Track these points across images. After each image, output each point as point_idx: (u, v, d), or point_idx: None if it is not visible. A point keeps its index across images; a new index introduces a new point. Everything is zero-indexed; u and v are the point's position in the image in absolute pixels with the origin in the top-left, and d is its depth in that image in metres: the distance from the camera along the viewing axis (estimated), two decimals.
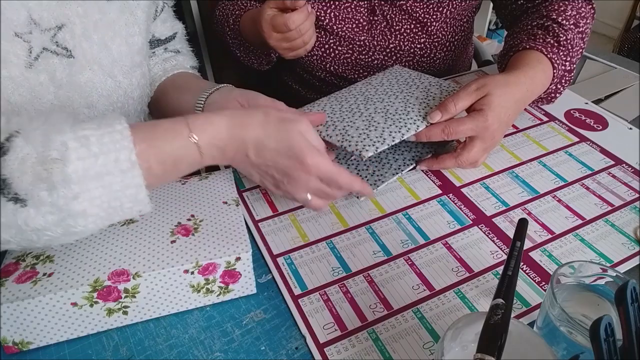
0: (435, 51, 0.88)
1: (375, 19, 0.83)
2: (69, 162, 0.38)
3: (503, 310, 0.35)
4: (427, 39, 0.86)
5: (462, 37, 0.91)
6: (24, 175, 0.38)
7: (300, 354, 0.46)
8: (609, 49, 2.23)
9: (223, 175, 0.59)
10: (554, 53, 0.67)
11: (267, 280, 0.53)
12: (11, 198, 0.38)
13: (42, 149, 0.38)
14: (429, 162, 0.66)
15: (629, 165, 0.68)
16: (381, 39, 0.84)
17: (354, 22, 0.83)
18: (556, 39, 0.68)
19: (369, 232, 0.58)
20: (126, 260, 0.47)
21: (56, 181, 0.38)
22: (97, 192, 0.40)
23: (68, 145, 0.39)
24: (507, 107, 0.62)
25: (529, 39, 0.69)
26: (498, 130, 0.62)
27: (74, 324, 0.46)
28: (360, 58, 0.86)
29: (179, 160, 0.45)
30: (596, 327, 0.33)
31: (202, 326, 0.49)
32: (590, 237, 0.57)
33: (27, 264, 0.46)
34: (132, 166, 0.41)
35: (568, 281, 0.44)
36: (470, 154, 0.63)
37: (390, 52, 0.86)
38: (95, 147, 0.40)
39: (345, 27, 0.83)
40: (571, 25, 0.70)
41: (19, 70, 0.49)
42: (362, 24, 0.83)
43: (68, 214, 0.39)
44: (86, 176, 0.39)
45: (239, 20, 0.83)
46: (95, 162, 0.39)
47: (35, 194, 0.38)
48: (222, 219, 0.52)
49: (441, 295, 0.51)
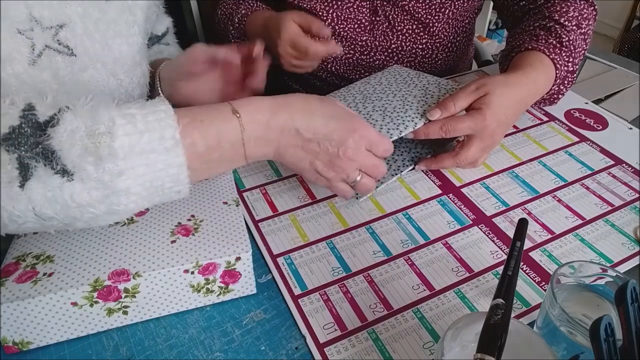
0: (437, 52, 0.89)
1: (377, 19, 0.83)
2: (116, 137, 0.39)
3: (503, 310, 0.35)
4: (429, 40, 0.86)
5: (464, 38, 0.91)
6: (72, 148, 0.39)
7: (300, 354, 0.46)
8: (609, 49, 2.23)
9: (223, 176, 0.59)
10: (556, 54, 0.67)
11: (267, 280, 0.53)
12: (59, 170, 0.38)
13: (90, 123, 0.39)
14: (428, 162, 0.66)
15: (629, 165, 0.68)
16: (383, 39, 0.85)
17: (356, 22, 0.83)
18: (558, 39, 0.68)
19: (369, 232, 0.58)
20: (126, 260, 0.47)
21: (103, 155, 0.39)
22: (141, 170, 0.41)
23: (115, 121, 0.40)
24: (507, 107, 0.62)
25: (531, 39, 0.69)
26: (497, 130, 0.62)
27: (74, 324, 0.46)
28: (362, 58, 0.86)
29: (222, 135, 0.46)
30: (596, 327, 0.33)
31: (202, 326, 0.49)
32: (590, 237, 0.57)
33: (28, 264, 0.46)
34: (176, 144, 0.42)
35: (568, 281, 0.44)
36: (469, 153, 0.63)
37: (392, 53, 0.86)
38: (140, 124, 0.41)
39: (347, 27, 0.83)
40: (573, 27, 0.70)
41: (23, 67, 0.49)
42: (364, 24, 0.83)
43: (112, 190, 0.40)
44: (132, 152, 0.40)
45: (244, 20, 0.83)
46: (140, 138, 0.40)
47: (82, 167, 0.39)
48: (222, 219, 0.52)
49: (441, 295, 0.51)
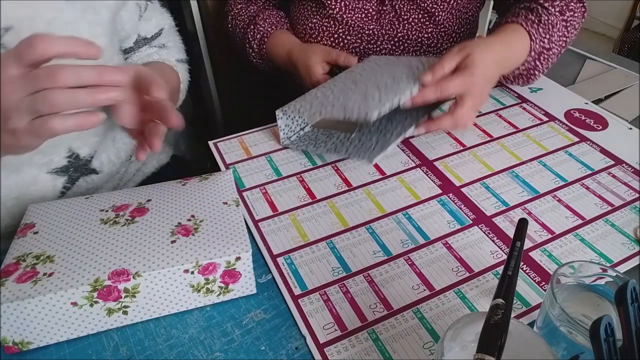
0: (442, 41, 0.91)
1: (384, 8, 0.85)
2: None
3: (503, 310, 0.35)
4: (435, 29, 0.88)
5: (467, 29, 0.94)
6: None
7: (300, 354, 0.46)
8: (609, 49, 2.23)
9: (223, 176, 0.59)
10: (532, 27, 0.72)
11: (267, 280, 0.53)
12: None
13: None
14: (427, 125, 0.68)
15: (629, 165, 0.68)
16: (389, 28, 0.86)
17: (363, 11, 0.85)
18: (538, 17, 0.74)
19: (369, 232, 0.58)
20: (126, 260, 0.47)
21: None
22: None
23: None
24: (489, 66, 0.67)
25: (512, 15, 0.76)
26: (484, 88, 0.68)
27: (74, 323, 0.46)
28: (369, 48, 0.88)
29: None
30: (596, 327, 0.33)
31: (202, 326, 0.49)
32: (590, 237, 0.57)
33: (28, 264, 0.46)
34: None
35: (568, 281, 0.44)
36: (464, 110, 0.65)
37: (398, 42, 0.88)
38: None
39: (355, 17, 0.85)
40: (556, 12, 0.75)
41: None
42: (371, 14, 0.85)
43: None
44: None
45: (264, 47, 0.88)
46: None
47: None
48: (222, 219, 0.52)
49: (441, 295, 0.51)
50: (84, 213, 0.53)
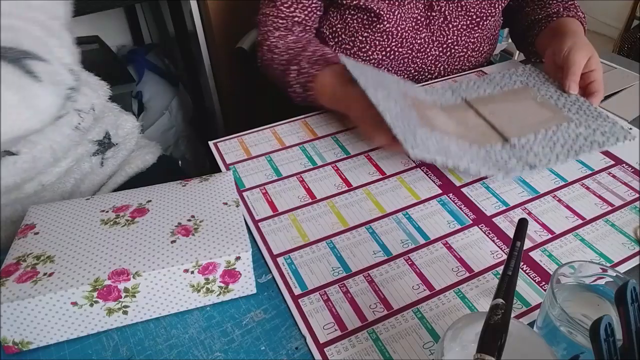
0: (484, 44, 0.93)
1: (433, 14, 0.86)
2: None
3: (503, 310, 0.35)
4: (481, 34, 0.90)
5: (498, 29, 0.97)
6: None
7: (300, 354, 0.46)
8: (609, 49, 2.23)
9: (223, 177, 0.59)
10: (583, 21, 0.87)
11: (267, 280, 0.53)
12: None
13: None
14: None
15: (629, 165, 0.68)
16: (439, 34, 0.87)
17: (413, 19, 0.86)
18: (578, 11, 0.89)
19: (369, 232, 0.58)
20: (126, 260, 0.47)
21: None
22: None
23: None
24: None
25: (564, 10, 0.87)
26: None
27: (74, 323, 0.46)
28: (417, 56, 0.88)
29: None
30: (596, 327, 0.33)
31: (202, 326, 0.49)
32: (590, 237, 0.57)
33: (28, 264, 0.46)
34: None
35: (568, 281, 0.44)
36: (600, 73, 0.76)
37: (447, 48, 0.89)
38: None
39: (407, 27, 0.85)
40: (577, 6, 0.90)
41: None
42: (421, 21, 0.86)
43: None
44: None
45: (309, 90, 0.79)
46: None
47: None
48: (222, 219, 0.52)
49: (441, 295, 0.51)
50: (84, 214, 0.53)
